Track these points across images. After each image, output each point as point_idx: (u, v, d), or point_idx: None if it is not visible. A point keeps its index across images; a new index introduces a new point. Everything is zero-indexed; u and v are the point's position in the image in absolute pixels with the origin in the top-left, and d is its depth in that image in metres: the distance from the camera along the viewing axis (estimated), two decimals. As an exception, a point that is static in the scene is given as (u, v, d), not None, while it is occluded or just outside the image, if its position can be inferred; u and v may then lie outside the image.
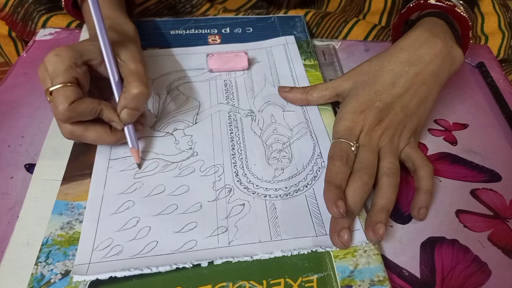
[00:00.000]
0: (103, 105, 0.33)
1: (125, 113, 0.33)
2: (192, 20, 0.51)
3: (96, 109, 0.32)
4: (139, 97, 0.33)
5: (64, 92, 0.30)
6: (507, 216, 0.32)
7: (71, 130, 0.32)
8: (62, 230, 0.30)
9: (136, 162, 0.35)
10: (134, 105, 0.33)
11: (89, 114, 0.32)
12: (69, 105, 0.30)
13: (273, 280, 0.28)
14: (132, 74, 0.33)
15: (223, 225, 0.31)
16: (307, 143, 0.37)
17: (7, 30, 0.52)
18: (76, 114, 0.31)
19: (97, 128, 0.33)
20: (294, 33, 0.49)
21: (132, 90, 0.32)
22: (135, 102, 0.33)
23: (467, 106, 0.42)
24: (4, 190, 0.33)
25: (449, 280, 0.28)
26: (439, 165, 0.36)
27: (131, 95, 0.32)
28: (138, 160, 0.34)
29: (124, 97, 0.32)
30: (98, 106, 0.32)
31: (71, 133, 0.33)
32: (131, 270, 0.28)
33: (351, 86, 0.37)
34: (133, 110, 0.33)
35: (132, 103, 0.33)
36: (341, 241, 0.29)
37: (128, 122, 0.34)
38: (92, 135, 0.33)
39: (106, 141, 0.34)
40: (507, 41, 0.49)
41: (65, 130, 0.33)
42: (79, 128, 0.33)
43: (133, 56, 0.34)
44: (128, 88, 0.32)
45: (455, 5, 0.38)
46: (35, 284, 0.27)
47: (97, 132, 0.33)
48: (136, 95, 0.32)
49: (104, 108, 0.33)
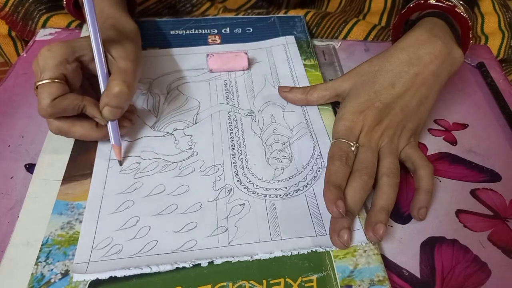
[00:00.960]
0: (86, 101, 0.33)
1: (106, 111, 0.33)
2: (192, 20, 0.51)
3: (79, 106, 0.32)
4: (119, 96, 0.32)
5: (48, 88, 0.31)
6: (507, 216, 0.33)
7: (58, 126, 0.33)
8: (62, 230, 0.30)
9: (117, 159, 0.35)
10: (116, 103, 0.32)
11: (72, 110, 0.32)
12: (51, 101, 0.31)
13: (273, 280, 0.28)
14: (118, 72, 0.33)
15: (223, 225, 0.31)
16: (307, 143, 0.37)
17: (7, 29, 0.52)
18: (58, 110, 0.31)
19: (84, 124, 0.34)
20: (294, 33, 0.49)
21: (113, 88, 0.32)
22: (116, 101, 0.32)
23: (467, 106, 0.42)
24: (4, 190, 0.33)
25: (449, 280, 0.28)
26: (439, 165, 0.36)
27: (111, 93, 0.32)
28: (119, 158, 0.35)
29: (106, 95, 0.32)
30: (81, 103, 0.32)
31: (58, 129, 0.33)
32: (131, 269, 0.28)
33: (351, 86, 0.37)
34: (114, 108, 0.33)
35: (113, 101, 0.32)
36: (341, 241, 0.29)
37: (110, 119, 0.33)
38: (78, 131, 0.34)
39: (93, 137, 0.34)
40: (507, 41, 0.49)
41: (53, 126, 0.33)
42: (65, 124, 0.33)
43: (125, 54, 0.34)
44: (110, 86, 0.32)
45: (455, 5, 0.38)
46: (35, 283, 0.27)
47: (83, 128, 0.34)
48: (116, 93, 0.32)
49: (87, 104, 0.33)
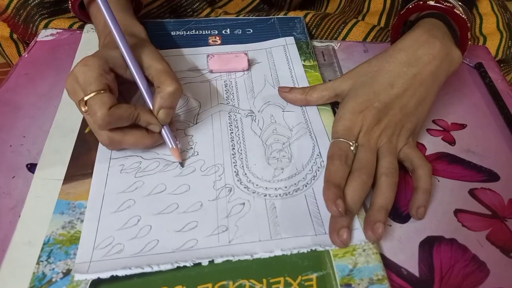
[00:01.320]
0: (139, 109, 0.33)
1: (162, 113, 0.33)
2: (192, 21, 0.51)
3: (133, 114, 0.32)
4: (174, 95, 0.33)
5: (100, 98, 0.30)
6: (505, 216, 0.33)
7: (110, 136, 0.32)
8: (63, 229, 0.30)
9: (178, 160, 0.35)
10: (170, 104, 0.33)
11: (126, 119, 0.32)
12: (108, 110, 0.30)
13: (273, 278, 0.28)
14: (162, 73, 0.33)
15: (223, 224, 0.31)
16: (307, 143, 0.37)
17: (8, 32, 0.52)
18: (114, 119, 0.31)
19: (135, 132, 0.34)
20: (294, 34, 0.49)
21: (167, 89, 0.33)
22: (171, 100, 0.33)
23: (466, 107, 0.42)
24: (5, 190, 0.33)
25: (447, 279, 0.29)
26: (437, 165, 0.36)
27: (167, 94, 0.33)
28: (180, 159, 0.35)
29: (161, 97, 0.33)
30: (135, 111, 0.32)
31: (111, 139, 0.33)
32: (132, 269, 0.28)
33: (350, 87, 0.37)
34: (169, 109, 0.33)
35: (168, 102, 0.33)
36: (341, 240, 0.29)
37: (166, 122, 0.34)
38: (131, 139, 0.33)
39: (145, 144, 0.34)
40: (505, 41, 0.49)
41: (103, 137, 0.32)
42: (117, 134, 0.33)
43: (155, 56, 0.35)
44: (163, 87, 0.33)
45: (454, 6, 0.38)
46: (36, 283, 0.27)
47: (135, 136, 0.33)
48: (172, 92, 0.33)
49: (140, 112, 0.33)
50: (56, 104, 0.40)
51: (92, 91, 0.30)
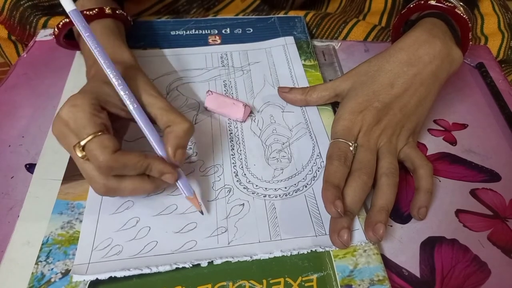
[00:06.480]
0: (151, 158, 0.29)
1: (180, 153, 0.29)
2: (192, 20, 0.51)
3: (141, 163, 0.28)
4: (190, 132, 0.30)
5: (101, 142, 0.27)
6: (506, 216, 0.33)
7: (105, 184, 0.28)
8: (62, 229, 0.30)
9: (198, 210, 0.31)
10: (185, 142, 0.30)
11: (132, 167, 0.28)
12: (111, 155, 0.27)
13: (273, 279, 0.28)
14: (168, 112, 0.30)
15: (222, 225, 0.31)
16: (307, 143, 0.37)
17: (6, 33, 0.52)
18: (119, 165, 0.27)
19: (133, 178, 0.29)
20: (294, 33, 0.49)
21: (181, 127, 0.30)
22: (186, 139, 0.30)
23: (467, 107, 0.42)
24: (4, 190, 0.33)
25: (448, 280, 0.28)
26: (438, 165, 0.36)
27: (182, 132, 0.29)
28: (199, 207, 0.31)
29: (175, 136, 0.29)
30: (145, 160, 0.28)
31: (105, 187, 0.28)
32: (131, 270, 0.28)
33: (350, 87, 0.37)
34: (184, 149, 0.30)
35: (183, 141, 0.30)
36: (341, 241, 0.29)
37: (182, 162, 0.31)
38: (129, 186, 0.29)
39: (146, 190, 0.30)
40: (506, 41, 0.49)
41: (98, 185, 0.28)
42: (114, 181, 0.28)
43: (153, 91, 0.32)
44: (176, 126, 0.30)
45: (455, 6, 0.38)
46: (35, 283, 0.27)
47: (133, 182, 0.29)
48: (187, 130, 0.30)
49: (152, 162, 0.28)
50: (55, 104, 0.40)
51: (89, 134, 0.27)
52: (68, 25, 0.39)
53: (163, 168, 0.29)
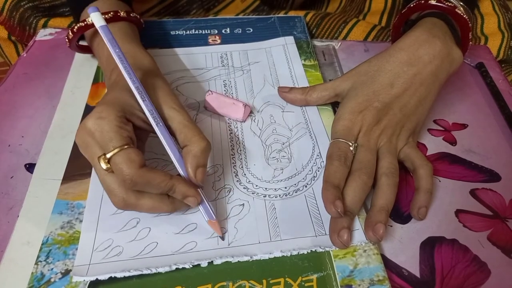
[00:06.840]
0: (175, 180, 0.28)
1: (200, 172, 0.29)
2: (192, 20, 0.51)
3: (166, 183, 0.28)
4: (207, 151, 0.30)
5: (127, 156, 0.26)
6: (506, 216, 0.33)
7: (124, 198, 0.28)
8: (62, 229, 0.30)
9: (219, 235, 0.30)
10: (204, 161, 0.30)
11: (156, 186, 0.28)
12: (138, 169, 0.26)
13: (273, 279, 0.28)
14: (187, 129, 0.30)
15: (222, 227, 0.31)
16: (307, 143, 0.37)
17: (6, 33, 0.52)
18: (144, 181, 0.27)
19: (153, 196, 0.29)
20: (294, 33, 0.49)
21: (199, 146, 0.29)
22: (205, 157, 0.30)
23: (467, 106, 0.42)
24: (4, 190, 0.33)
25: (448, 280, 0.28)
26: (438, 165, 0.36)
27: (200, 151, 0.29)
28: (220, 233, 0.30)
29: (194, 155, 0.29)
30: (170, 181, 0.28)
31: (124, 202, 0.28)
32: (131, 271, 0.28)
33: (350, 86, 0.37)
34: (204, 168, 0.30)
35: (202, 160, 0.29)
36: (341, 241, 0.29)
37: (204, 181, 0.30)
38: (147, 204, 0.29)
39: (163, 210, 0.29)
40: (506, 41, 0.49)
41: (117, 198, 0.28)
42: (133, 196, 0.28)
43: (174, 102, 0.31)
44: (193, 145, 0.29)
45: (456, 6, 0.38)
46: (35, 283, 0.27)
47: (153, 201, 0.29)
48: (204, 149, 0.29)
49: (176, 184, 0.28)
50: (55, 104, 0.40)
51: (115, 147, 0.26)
52: (83, 29, 0.39)
53: (186, 191, 0.29)
